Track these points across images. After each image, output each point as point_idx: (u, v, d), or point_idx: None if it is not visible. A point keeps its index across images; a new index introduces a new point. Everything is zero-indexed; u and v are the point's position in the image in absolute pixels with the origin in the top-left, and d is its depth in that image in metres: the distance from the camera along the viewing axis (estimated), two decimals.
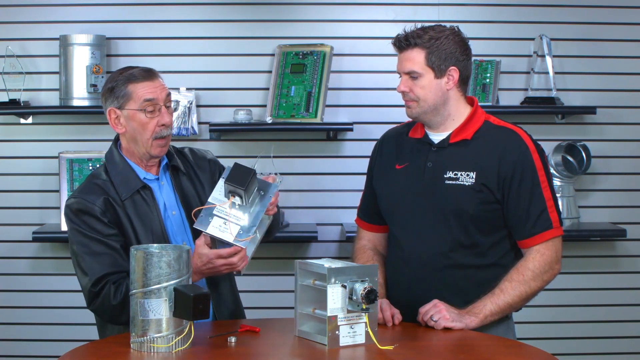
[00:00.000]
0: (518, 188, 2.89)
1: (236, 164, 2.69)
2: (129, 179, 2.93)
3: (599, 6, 4.47)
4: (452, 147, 2.94)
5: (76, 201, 2.89)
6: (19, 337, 4.45)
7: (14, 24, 4.37)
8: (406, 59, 2.92)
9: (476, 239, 2.92)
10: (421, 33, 2.91)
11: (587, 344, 4.55)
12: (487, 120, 2.99)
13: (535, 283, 2.90)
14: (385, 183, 3.06)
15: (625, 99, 4.51)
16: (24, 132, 4.40)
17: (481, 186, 2.89)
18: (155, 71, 2.95)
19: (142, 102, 2.88)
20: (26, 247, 4.41)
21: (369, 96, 4.43)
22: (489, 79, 4.38)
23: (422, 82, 2.91)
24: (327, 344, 2.57)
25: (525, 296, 2.90)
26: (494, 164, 2.89)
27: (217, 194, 2.73)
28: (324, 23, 4.45)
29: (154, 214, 2.92)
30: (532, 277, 2.89)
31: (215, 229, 2.71)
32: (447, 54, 2.90)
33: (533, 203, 2.90)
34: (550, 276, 2.94)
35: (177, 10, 4.41)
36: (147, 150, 2.92)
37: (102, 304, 2.80)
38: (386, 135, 3.17)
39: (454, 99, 2.95)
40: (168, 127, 2.91)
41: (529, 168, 2.90)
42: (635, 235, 4.51)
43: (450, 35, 2.92)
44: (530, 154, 2.92)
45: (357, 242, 3.18)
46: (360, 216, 3.20)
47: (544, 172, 2.92)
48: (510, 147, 2.92)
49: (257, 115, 4.40)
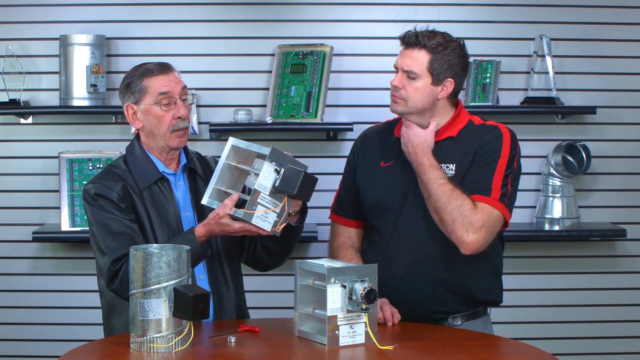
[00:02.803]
0: (476, 162, 2.93)
1: (287, 167, 2.69)
2: (147, 169, 2.96)
3: (599, 6, 4.47)
4: (438, 145, 2.98)
5: (94, 186, 2.93)
6: (19, 337, 4.44)
7: (14, 24, 4.37)
8: (410, 56, 2.94)
9: None
10: (431, 36, 2.93)
11: (587, 344, 4.55)
12: (470, 120, 3.04)
13: (452, 206, 2.83)
14: (369, 180, 3.08)
15: (625, 99, 4.51)
16: (24, 132, 4.40)
17: (460, 176, 2.93)
18: (170, 65, 2.99)
19: (157, 96, 2.92)
20: (26, 247, 4.41)
21: (369, 96, 4.43)
22: (489, 79, 4.38)
23: (417, 83, 2.94)
24: (327, 344, 2.57)
25: (439, 202, 2.84)
26: (472, 154, 2.94)
27: (263, 179, 2.71)
28: (324, 23, 4.45)
29: (171, 206, 2.95)
30: (468, 209, 2.83)
31: (258, 219, 2.72)
32: (449, 65, 2.93)
33: (481, 174, 2.91)
34: (463, 230, 2.83)
35: (177, 10, 4.41)
36: (165, 143, 2.95)
37: (121, 283, 2.81)
38: (368, 132, 3.20)
39: (441, 106, 2.99)
40: (184, 119, 2.95)
41: (493, 150, 2.93)
42: (635, 235, 4.51)
43: (457, 49, 2.95)
44: (502, 141, 2.95)
45: (335, 240, 3.18)
46: (337, 212, 3.20)
47: (506, 160, 2.93)
48: (487, 136, 2.97)
49: (257, 115, 4.40)
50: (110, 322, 2.99)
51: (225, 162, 2.80)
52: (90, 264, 3.44)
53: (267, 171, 2.71)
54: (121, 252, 2.82)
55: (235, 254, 3.08)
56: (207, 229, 2.81)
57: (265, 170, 2.71)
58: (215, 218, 2.78)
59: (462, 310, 3.01)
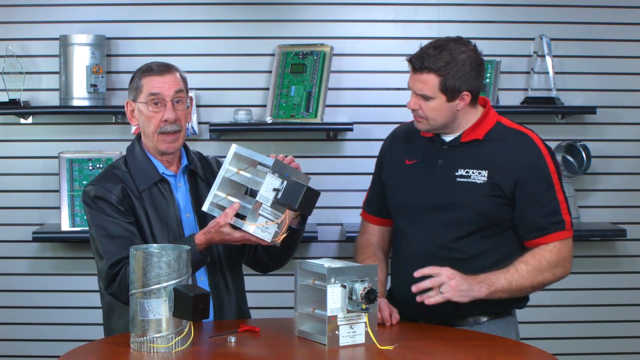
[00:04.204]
0: (534, 189, 2.91)
1: (289, 180, 2.68)
2: (147, 171, 2.95)
3: (599, 6, 4.46)
4: (464, 146, 2.96)
5: (94, 188, 2.92)
6: (19, 337, 4.44)
7: (14, 24, 4.36)
8: (419, 80, 2.89)
9: (484, 235, 2.93)
10: (436, 56, 2.84)
11: (587, 344, 4.55)
12: (499, 122, 3.00)
13: (548, 274, 2.91)
14: (395, 177, 3.07)
15: (625, 99, 4.51)
16: (24, 132, 4.40)
17: (493, 185, 2.90)
18: (172, 67, 2.97)
19: (148, 96, 2.91)
20: (26, 247, 4.41)
21: (369, 96, 4.43)
22: (489, 79, 4.38)
23: (432, 104, 2.89)
24: (327, 344, 2.57)
25: (536, 284, 2.90)
26: (508, 165, 2.91)
27: (264, 190, 2.70)
28: (324, 23, 4.45)
29: (171, 208, 2.94)
30: (547, 266, 2.90)
31: (259, 230, 2.72)
32: (462, 80, 2.86)
33: (548, 204, 2.92)
34: (562, 272, 2.95)
35: (178, 10, 4.41)
36: (154, 145, 2.94)
37: (120, 287, 2.81)
38: (397, 130, 3.18)
39: (463, 113, 2.94)
40: (172, 123, 2.91)
41: (544, 171, 2.92)
42: (635, 235, 4.51)
43: (468, 60, 2.86)
44: (544, 157, 2.94)
45: (361, 237, 3.18)
46: (366, 209, 3.20)
47: (557, 175, 2.95)
48: (525, 149, 2.93)
49: (257, 115, 4.40)
50: (110, 323, 2.99)
51: (227, 167, 2.79)
52: (91, 264, 3.45)
53: (270, 183, 2.70)
54: (119, 256, 2.81)
55: (236, 257, 3.08)
56: (207, 237, 2.80)
57: (268, 181, 2.70)
58: (216, 227, 2.77)
59: (484, 310, 2.96)
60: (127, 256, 2.74)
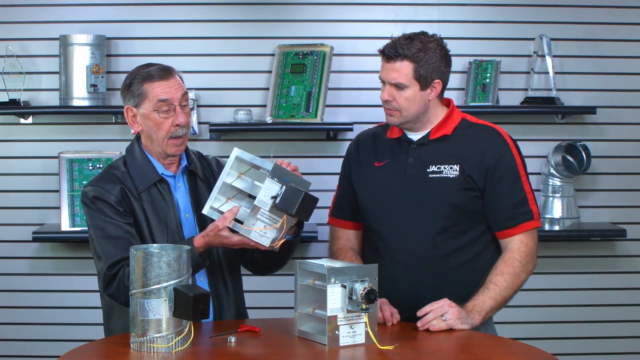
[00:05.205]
0: (500, 180, 2.97)
1: (288, 185, 2.68)
2: (146, 172, 2.94)
3: (599, 6, 4.47)
4: (433, 143, 3.01)
5: (93, 189, 2.91)
6: (19, 337, 4.44)
7: (14, 24, 4.37)
8: (393, 69, 2.96)
9: (461, 230, 2.98)
10: (409, 44, 2.94)
11: (587, 344, 4.55)
12: (464, 118, 3.07)
13: (523, 274, 2.98)
14: (364, 180, 3.09)
15: (625, 99, 4.51)
16: (24, 132, 4.40)
17: (467, 177, 2.97)
18: (172, 70, 2.96)
19: (156, 103, 2.89)
20: (26, 247, 4.41)
21: (369, 96, 4.42)
22: (489, 79, 4.38)
23: (406, 93, 2.95)
24: (327, 344, 2.57)
25: (516, 287, 2.97)
26: (477, 157, 2.98)
27: (263, 195, 2.70)
28: (324, 23, 4.45)
29: (170, 209, 2.93)
30: (521, 268, 2.96)
31: (257, 235, 2.72)
32: (433, 67, 2.95)
33: (515, 195, 2.99)
34: (533, 266, 3.03)
35: (178, 10, 4.41)
36: (163, 149, 2.93)
37: (118, 288, 2.81)
38: (361, 135, 3.22)
39: (433, 106, 3.02)
40: (183, 126, 2.91)
41: (510, 161, 3.00)
42: (635, 235, 4.51)
43: (437, 48, 2.96)
44: (510, 148, 3.02)
45: (335, 243, 3.19)
46: (335, 215, 3.22)
47: (522, 167, 3.03)
48: (492, 141, 3.02)
49: (257, 115, 4.40)
50: (110, 323, 2.98)
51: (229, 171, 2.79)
52: (90, 264, 3.44)
53: (268, 187, 2.70)
54: (117, 257, 2.81)
55: (236, 259, 3.08)
56: (206, 240, 2.80)
57: (266, 186, 2.70)
58: (215, 230, 2.76)
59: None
60: (125, 257, 2.75)
